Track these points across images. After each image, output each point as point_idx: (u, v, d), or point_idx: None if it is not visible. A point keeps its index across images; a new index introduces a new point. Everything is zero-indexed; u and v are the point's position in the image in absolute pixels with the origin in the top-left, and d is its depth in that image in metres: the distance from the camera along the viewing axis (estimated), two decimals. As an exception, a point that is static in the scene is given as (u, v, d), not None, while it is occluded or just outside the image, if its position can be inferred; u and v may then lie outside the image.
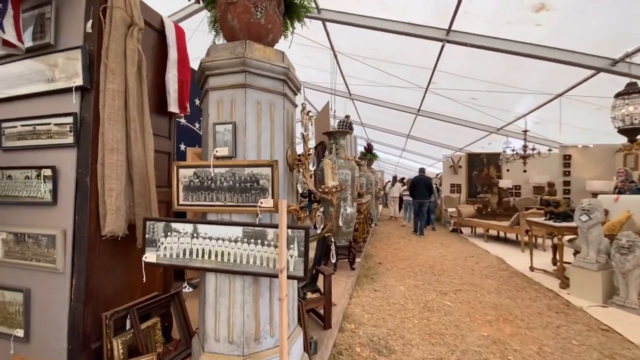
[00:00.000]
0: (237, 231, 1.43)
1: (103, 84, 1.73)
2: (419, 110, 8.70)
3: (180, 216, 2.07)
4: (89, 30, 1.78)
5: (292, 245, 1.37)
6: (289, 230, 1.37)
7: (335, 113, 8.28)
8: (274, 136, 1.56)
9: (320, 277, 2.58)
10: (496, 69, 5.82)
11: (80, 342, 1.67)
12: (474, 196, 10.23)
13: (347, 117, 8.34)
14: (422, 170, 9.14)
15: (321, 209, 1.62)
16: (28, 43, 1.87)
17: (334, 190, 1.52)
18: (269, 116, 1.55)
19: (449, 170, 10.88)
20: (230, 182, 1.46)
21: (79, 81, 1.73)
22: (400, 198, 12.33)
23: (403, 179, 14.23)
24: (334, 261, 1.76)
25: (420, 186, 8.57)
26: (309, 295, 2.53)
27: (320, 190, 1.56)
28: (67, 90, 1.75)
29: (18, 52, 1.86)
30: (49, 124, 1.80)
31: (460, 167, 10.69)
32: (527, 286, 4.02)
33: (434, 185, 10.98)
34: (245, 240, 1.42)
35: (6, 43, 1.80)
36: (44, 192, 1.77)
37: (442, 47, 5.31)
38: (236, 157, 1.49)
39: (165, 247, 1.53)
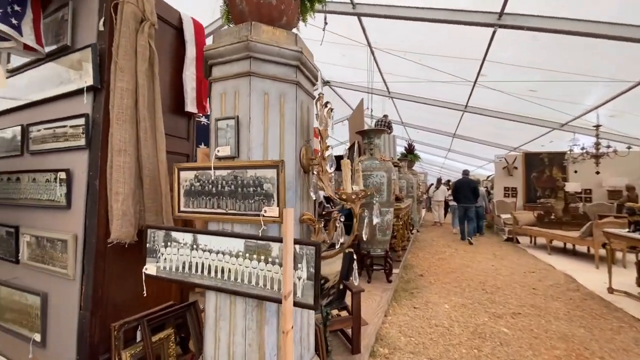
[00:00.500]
0: (239, 244, 1.21)
1: (113, 83, 1.65)
2: (466, 106, 7.95)
3: (190, 226, 1.93)
4: (101, 28, 1.71)
5: (300, 265, 1.11)
6: (297, 247, 1.12)
7: (372, 112, 7.90)
8: (284, 132, 1.32)
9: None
10: (559, 55, 5.03)
11: (87, 353, 1.59)
12: (533, 201, 9.08)
13: (385, 116, 7.92)
14: (465, 173, 8.39)
15: (341, 219, 1.35)
16: (51, 47, 1.87)
17: (354, 196, 1.23)
18: (279, 109, 1.32)
19: (502, 172, 9.81)
20: (232, 187, 1.26)
21: (89, 81, 1.67)
22: (446, 202, 11.47)
23: (448, 181, 13.26)
24: (356, 283, 1.46)
25: (464, 189, 7.89)
26: (335, 312, 2.25)
27: (337, 196, 1.28)
28: (80, 91, 1.70)
29: (39, 55, 1.86)
30: (65, 126, 1.77)
31: (516, 168, 9.59)
32: (606, 313, 3.29)
33: (484, 189, 10.01)
34: (247, 255, 1.19)
35: (27, 47, 1.81)
36: (60, 195, 1.74)
37: (493, 33, 4.71)
38: (239, 158, 1.28)
39: (165, 259, 1.37)
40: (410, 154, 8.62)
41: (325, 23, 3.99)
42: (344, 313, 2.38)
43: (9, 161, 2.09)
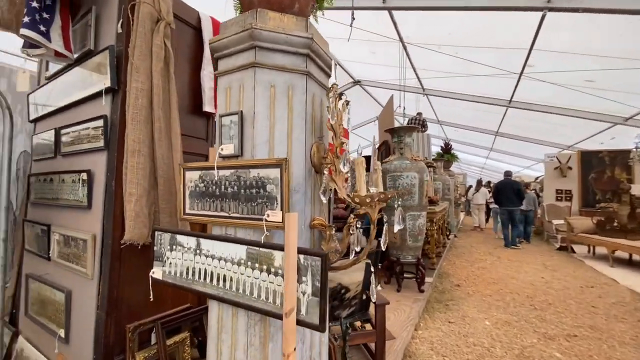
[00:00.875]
0: (241, 251, 1.11)
1: (129, 84, 1.64)
2: (510, 101, 7.31)
3: (203, 231, 1.88)
4: (119, 30, 1.73)
5: (304, 278, 0.98)
6: (301, 257, 0.98)
7: (405, 110, 7.56)
8: (293, 128, 1.20)
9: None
10: (622, 39, 4.38)
11: (102, 353, 1.59)
12: (592, 205, 8.08)
13: (419, 114, 7.55)
14: (508, 174, 7.74)
15: (357, 224, 1.19)
16: (78, 52, 1.94)
17: (369, 200, 1.07)
18: (286, 102, 1.20)
19: (553, 173, 8.88)
20: (235, 188, 1.16)
21: (107, 82, 1.69)
22: (487, 205, 10.68)
23: (489, 182, 12.34)
24: (373, 299, 1.29)
25: (507, 191, 7.30)
26: (359, 324, 2.08)
27: (350, 199, 1.13)
28: (100, 94, 1.73)
29: (69, 61, 1.93)
30: (88, 128, 1.81)
31: (570, 168, 8.62)
32: (690, 341, 2.74)
33: (532, 191, 9.14)
34: (249, 264, 1.08)
35: (58, 54, 1.88)
36: (82, 196, 1.78)
37: (542, 18, 4.23)
38: (243, 156, 1.18)
39: (171, 263, 1.31)
40: (446, 154, 8.11)
41: (353, 19, 3.81)
42: (368, 326, 2.20)
43: (47, 163, 2.21)
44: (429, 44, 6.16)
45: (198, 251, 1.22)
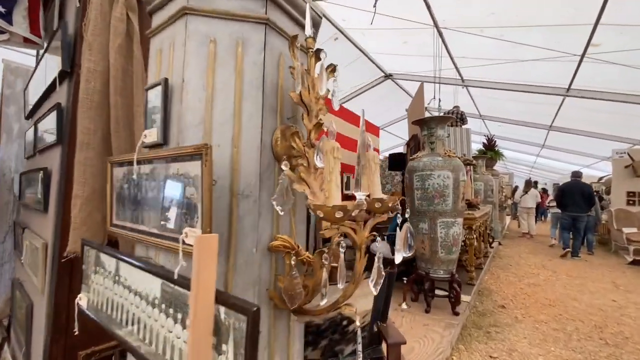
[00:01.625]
0: (156, 287, 0.74)
1: (83, 65, 1.38)
2: (568, 89, 6.29)
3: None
4: (77, 4, 1.47)
5: (224, 348, 0.58)
6: (221, 310, 0.59)
7: (441, 104, 6.84)
8: (242, 103, 0.81)
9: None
10: None
11: (49, 386, 1.34)
12: (675, 212, 6.71)
13: (456, 107, 6.81)
14: (577, 175, 6.72)
15: (342, 246, 0.77)
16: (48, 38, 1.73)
17: (338, 215, 0.64)
18: (234, 65, 0.82)
19: (623, 172, 7.54)
20: (155, 191, 0.80)
21: (61, 65, 1.43)
22: (537, 208, 9.47)
23: (536, 183, 11.00)
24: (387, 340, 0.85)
25: (574, 194, 6.35)
26: None
27: (311, 209, 0.71)
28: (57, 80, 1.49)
29: (38, 48, 1.74)
30: (49, 119, 1.58)
31: (646, 167, 7.26)
32: None
33: (595, 194, 7.91)
34: (164, 307, 0.71)
35: (28, 40, 1.68)
36: (40, 197, 1.55)
37: (615, -21, 3.43)
38: (168, 145, 0.82)
39: (94, 289, 0.99)
40: (490, 151, 7.23)
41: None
42: (380, 364, 1.74)
43: (30, 161, 2.07)
44: (469, 27, 5.48)
45: (117, 278, 0.88)
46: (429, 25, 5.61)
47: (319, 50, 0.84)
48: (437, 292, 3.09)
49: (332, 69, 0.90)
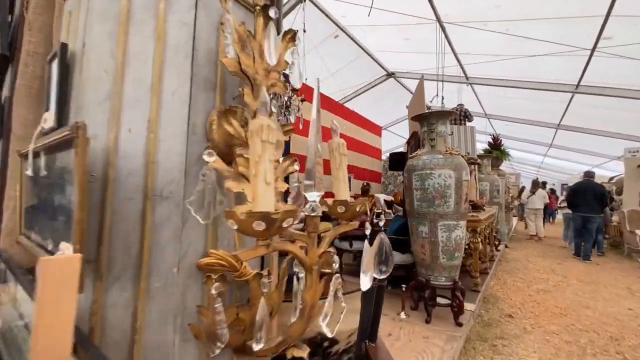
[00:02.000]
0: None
1: (22, 47, 1.20)
2: (577, 85, 6.03)
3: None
4: (21, -21, 1.30)
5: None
6: None
7: (444, 102, 6.62)
8: (164, 74, 0.62)
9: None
10: None
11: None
12: (693, 213, 6.37)
13: (460, 105, 6.59)
14: (589, 175, 6.48)
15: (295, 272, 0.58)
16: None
17: (260, 227, 0.44)
18: (154, 25, 0.63)
19: (635, 172, 7.24)
20: (47, 191, 0.61)
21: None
22: (545, 210, 9.14)
23: (544, 183, 10.67)
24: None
25: (587, 195, 6.14)
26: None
27: (231, 222, 0.51)
28: (-2, 64, 1.32)
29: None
30: (-7, 112, 1.41)
31: (660, 167, 6.95)
32: None
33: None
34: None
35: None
36: (-18, 200, 1.38)
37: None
38: (64, 128, 0.63)
39: (2, 311, 0.80)
40: (495, 150, 6.98)
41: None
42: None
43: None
44: (472, 22, 5.27)
45: (15, 302, 0.69)
46: (431, 20, 5.41)
47: (267, 6, 0.64)
48: (439, 300, 2.86)
49: (291, 35, 0.71)
